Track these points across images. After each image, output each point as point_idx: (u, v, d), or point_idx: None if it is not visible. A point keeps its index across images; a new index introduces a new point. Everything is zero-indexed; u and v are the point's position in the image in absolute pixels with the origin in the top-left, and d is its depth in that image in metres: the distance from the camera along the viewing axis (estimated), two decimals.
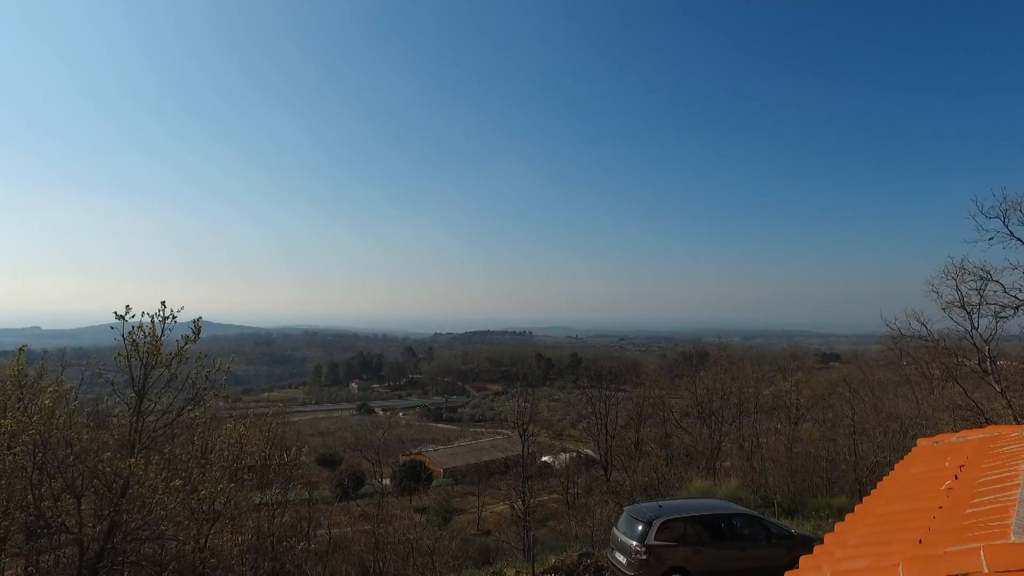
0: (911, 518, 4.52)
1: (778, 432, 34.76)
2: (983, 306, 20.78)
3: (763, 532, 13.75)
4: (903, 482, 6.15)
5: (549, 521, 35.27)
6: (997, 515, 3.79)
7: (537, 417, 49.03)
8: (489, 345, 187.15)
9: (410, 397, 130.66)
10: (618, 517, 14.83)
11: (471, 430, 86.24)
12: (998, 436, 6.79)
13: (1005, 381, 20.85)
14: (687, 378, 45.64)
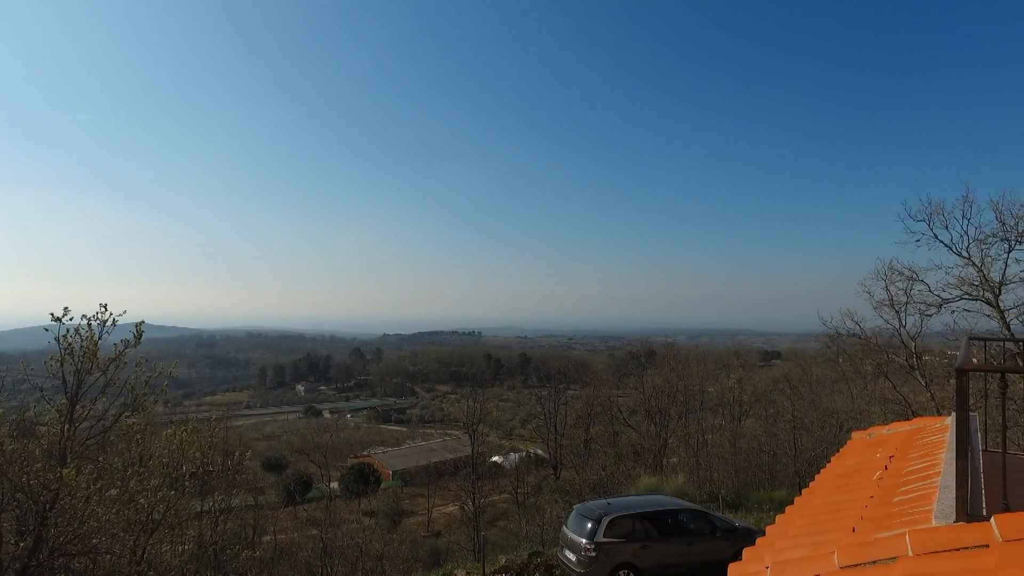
0: (846, 508, 4.72)
1: (722, 428, 35.66)
2: (910, 305, 21.83)
3: (708, 526, 14.12)
4: (839, 474, 6.40)
5: (499, 521, 35.31)
6: (921, 502, 4.01)
7: (487, 417, 49.02)
8: (438, 346, 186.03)
9: (358, 399, 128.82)
10: (568, 515, 14.97)
11: (420, 431, 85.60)
12: (923, 427, 7.14)
13: (929, 375, 21.94)
14: (635, 377, 46.36)
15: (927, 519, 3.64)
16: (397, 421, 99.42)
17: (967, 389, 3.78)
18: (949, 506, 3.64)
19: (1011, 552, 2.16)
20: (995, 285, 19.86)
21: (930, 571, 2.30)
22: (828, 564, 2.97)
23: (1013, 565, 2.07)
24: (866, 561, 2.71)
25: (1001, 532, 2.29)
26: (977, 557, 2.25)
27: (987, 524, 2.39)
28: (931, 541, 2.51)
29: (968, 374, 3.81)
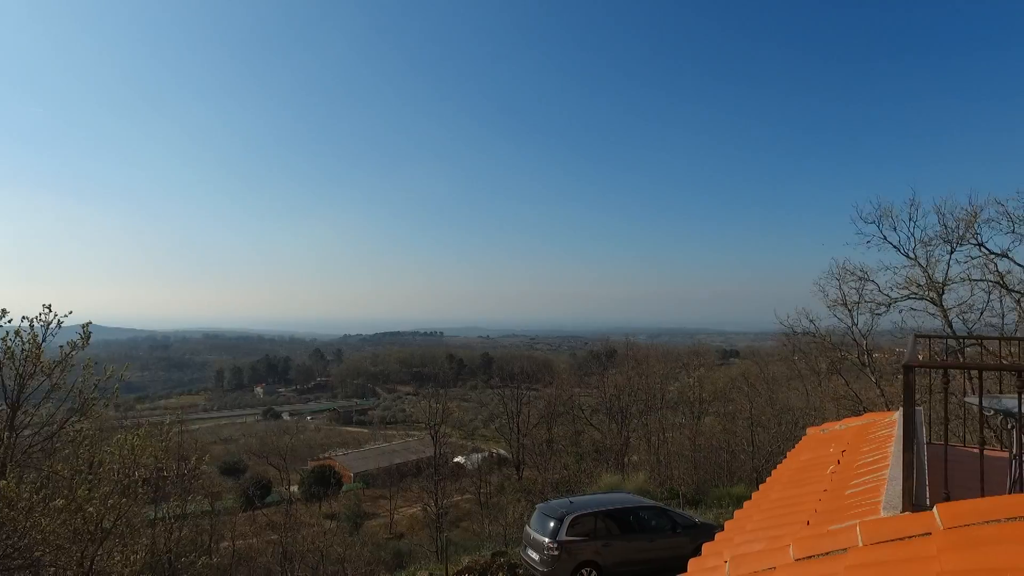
0: (801, 502, 4.84)
1: (682, 426, 36.18)
2: (862, 304, 22.54)
3: (669, 523, 14.33)
4: (794, 469, 6.56)
5: (462, 521, 35.20)
6: (871, 494, 4.14)
7: (449, 418, 48.79)
8: (400, 346, 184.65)
9: (319, 400, 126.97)
10: (530, 515, 15.03)
11: (382, 433, 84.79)
12: (873, 422, 7.38)
13: (879, 372, 22.70)
14: (596, 376, 46.76)
15: (876, 510, 3.76)
16: (358, 423, 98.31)
17: (913, 385, 3.91)
18: (896, 497, 3.77)
19: (950, 539, 2.25)
20: (939, 285, 20.64)
21: (878, 560, 2.38)
22: (784, 557, 3.04)
23: (952, 551, 2.15)
24: (819, 553, 2.79)
25: (942, 520, 2.38)
26: (920, 545, 2.34)
27: (930, 513, 2.48)
28: (879, 531, 2.60)
29: (914, 371, 3.95)
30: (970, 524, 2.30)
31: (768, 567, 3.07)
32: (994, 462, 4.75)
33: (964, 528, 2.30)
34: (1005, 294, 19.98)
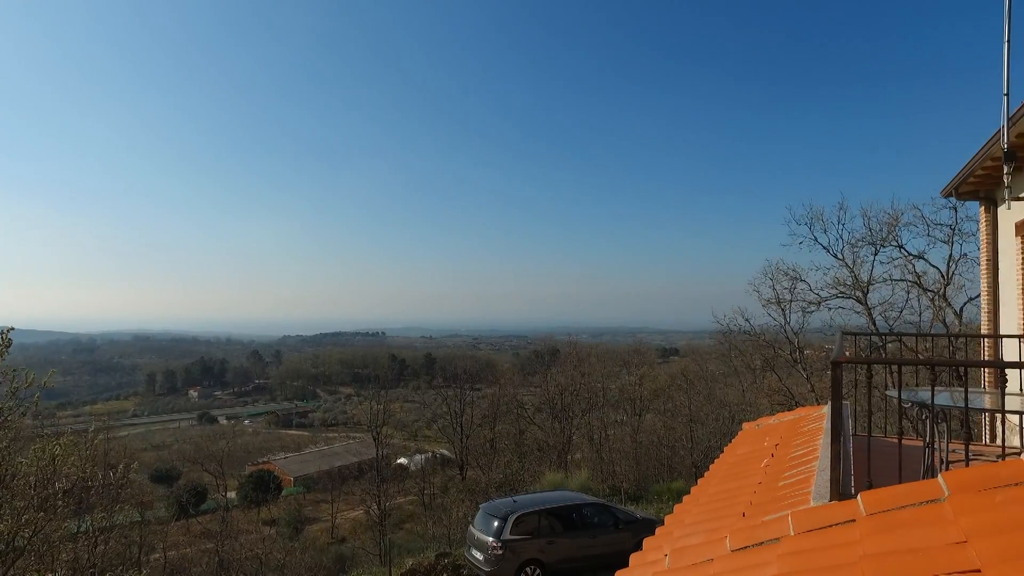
0: (737, 494, 5.00)
1: (624, 423, 36.81)
2: (793, 303, 23.52)
3: (611, 519, 14.58)
4: (731, 463, 6.77)
5: (406, 523, 34.87)
6: (802, 485, 4.32)
7: (391, 419, 48.28)
8: (341, 347, 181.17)
9: (257, 403, 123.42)
10: (474, 515, 15.04)
11: (323, 435, 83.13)
12: (804, 416, 7.69)
13: (810, 368, 23.69)
14: (539, 375, 47.07)
15: (807, 500, 3.93)
16: (299, 425, 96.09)
17: (840, 380, 4.10)
18: (824, 487, 3.95)
19: (872, 524, 2.38)
20: (864, 285, 21.72)
21: (808, 547, 2.49)
22: (721, 548, 3.13)
23: (873, 535, 2.28)
24: (754, 543, 2.89)
25: (865, 507, 2.51)
26: (845, 531, 2.46)
27: (855, 501, 2.61)
28: (809, 520, 2.72)
29: (841, 367, 4.14)
30: (889, 509, 2.44)
31: (706, 559, 3.16)
32: (911, 451, 5.03)
33: (884, 513, 2.43)
34: (921, 293, 21.19)
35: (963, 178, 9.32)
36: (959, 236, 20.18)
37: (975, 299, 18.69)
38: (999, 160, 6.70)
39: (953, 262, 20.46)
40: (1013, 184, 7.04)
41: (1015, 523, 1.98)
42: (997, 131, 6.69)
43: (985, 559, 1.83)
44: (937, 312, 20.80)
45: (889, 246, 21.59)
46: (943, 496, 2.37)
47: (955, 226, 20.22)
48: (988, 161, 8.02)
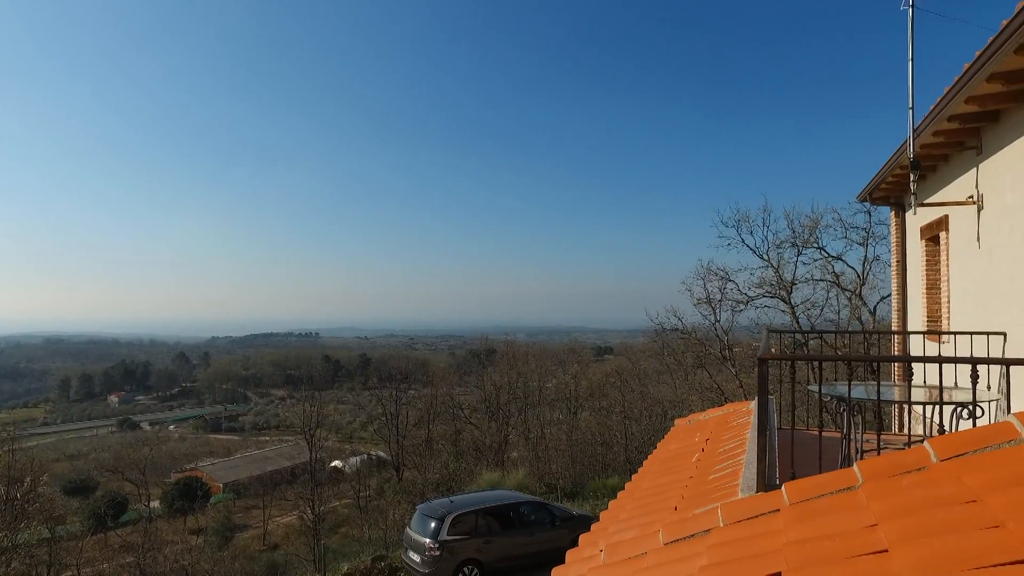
0: (669, 489, 5.14)
1: (560, 422, 37.21)
2: (723, 302, 24.36)
3: (548, 516, 14.74)
4: (663, 458, 6.96)
5: (341, 528, 34.23)
6: (731, 478, 4.50)
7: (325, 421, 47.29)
8: (273, 348, 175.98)
9: (184, 408, 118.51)
10: (411, 516, 14.94)
11: (254, 439, 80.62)
12: (733, 411, 7.98)
13: (739, 365, 24.58)
14: (476, 375, 47.10)
15: (735, 492, 4.09)
16: (228, 430, 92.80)
17: (767, 376, 4.29)
18: (752, 479, 4.13)
19: (795, 512, 2.52)
20: (788, 285, 22.72)
21: (736, 537, 2.60)
22: (654, 542, 3.23)
23: (796, 523, 2.41)
24: (686, 535, 2.99)
25: (789, 497, 2.65)
26: (770, 520, 2.59)
27: (779, 492, 2.75)
28: (737, 511, 2.84)
29: (767, 363, 4.33)
30: (810, 498, 2.58)
31: (640, 552, 3.25)
32: (831, 442, 5.30)
33: (805, 502, 2.57)
34: (840, 293, 22.35)
35: (876, 184, 9.88)
36: (873, 239, 21.40)
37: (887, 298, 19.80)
38: (907, 168, 7.14)
39: (868, 263, 21.67)
40: (919, 191, 7.52)
41: (918, 505, 2.14)
42: (905, 141, 7.13)
43: (892, 540, 1.96)
44: (854, 310, 21.98)
45: (811, 248, 22.69)
46: (857, 484, 2.52)
47: (869, 229, 21.42)
48: (897, 169, 8.53)
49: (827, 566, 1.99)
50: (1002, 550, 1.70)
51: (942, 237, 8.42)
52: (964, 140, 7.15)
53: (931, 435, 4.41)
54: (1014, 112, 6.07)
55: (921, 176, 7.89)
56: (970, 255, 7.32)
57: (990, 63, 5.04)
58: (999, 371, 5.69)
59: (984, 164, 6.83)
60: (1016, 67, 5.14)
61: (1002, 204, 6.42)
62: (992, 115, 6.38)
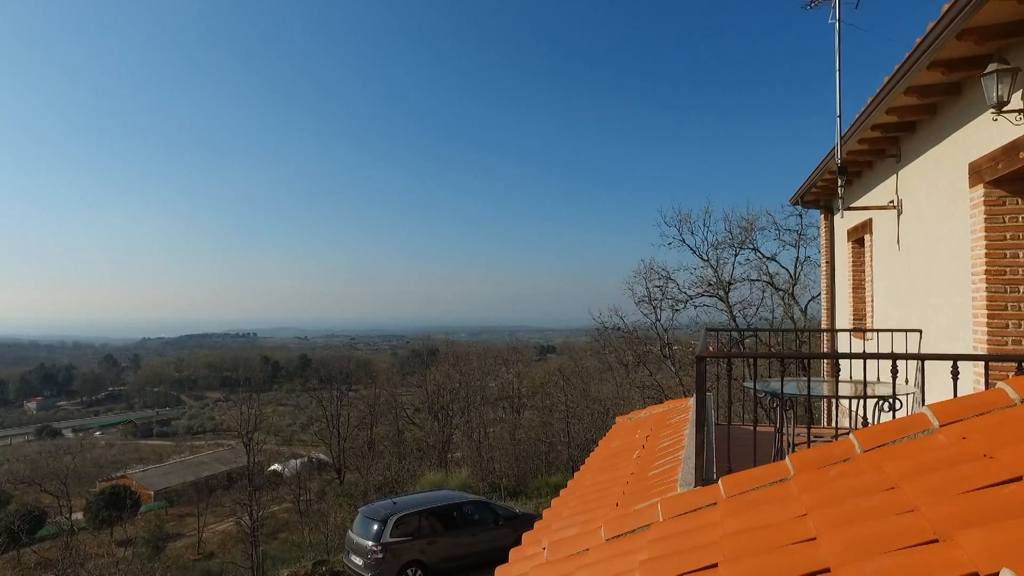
0: (611, 486, 5.24)
1: (503, 421, 37.31)
2: (664, 301, 24.93)
3: (492, 516, 14.77)
4: (605, 456, 7.08)
5: (281, 532, 33.40)
6: (670, 473, 4.62)
7: (264, 423, 46.07)
8: (208, 349, 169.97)
9: (111, 413, 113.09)
10: (353, 519, 14.73)
11: (189, 444, 77.72)
12: (672, 409, 8.19)
13: (678, 363, 25.20)
14: (418, 375, 46.77)
15: (675, 487, 4.21)
16: (160, 435, 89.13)
17: (704, 374, 4.42)
18: (690, 474, 4.25)
19: (731, 505, 2.61)
20: (726, 284, 23.44)
21: (675, 531, 2.68)
22: (596, 538, 3.29)
23: (732, 515, 2.50)
24: (627, 531, 3.06)
25: (725, 490, 2.75)
26: (708, 514, 2.68)
27: (716, 486, 2.84)
28: (676, 506, 2.92)
29: (705, 361, 4.47)
30: (745, 491, 2.68)
31: (583, 549, 3.30)
32: (765, 436, 5.50)
33: (741, 495, 2.67)
34: (774, 292, 23.20)
35: (807, 188, 10.30)
36: (804, 240, 22.30)
37: (817, 297, 20.69)
38: (835, 174, 7.47)
39: (800, 264, 22.58)
40: (846, 195, 7.88)
41: (843, 494, 2.26)
42: (833, 148, 7.47)
43: (820, 528, 2.06)
44: (787, 309, 22.85)
45: (747, 248, 23.48)
46: (789, 476, 2.63)
47: (801, 231, 22.32)
48: (826, 174, 8.92)
49: (761, 556, 2.07)
50: (914, 533, 1.81)
51: (866, 239, 8.86)
52: (886, 148, 7.54)
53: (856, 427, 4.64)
54: (928, 123, 6.45)
55: (848, 181, 8.28)
56: (891, 257, 7.73)
57: (906, 77, 5.34)
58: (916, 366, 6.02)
59: (903, 171, 7.23)
60: (929, 82, 5.46)
61: (918, 209, 6.81)
62: (909, 125, 6.75)
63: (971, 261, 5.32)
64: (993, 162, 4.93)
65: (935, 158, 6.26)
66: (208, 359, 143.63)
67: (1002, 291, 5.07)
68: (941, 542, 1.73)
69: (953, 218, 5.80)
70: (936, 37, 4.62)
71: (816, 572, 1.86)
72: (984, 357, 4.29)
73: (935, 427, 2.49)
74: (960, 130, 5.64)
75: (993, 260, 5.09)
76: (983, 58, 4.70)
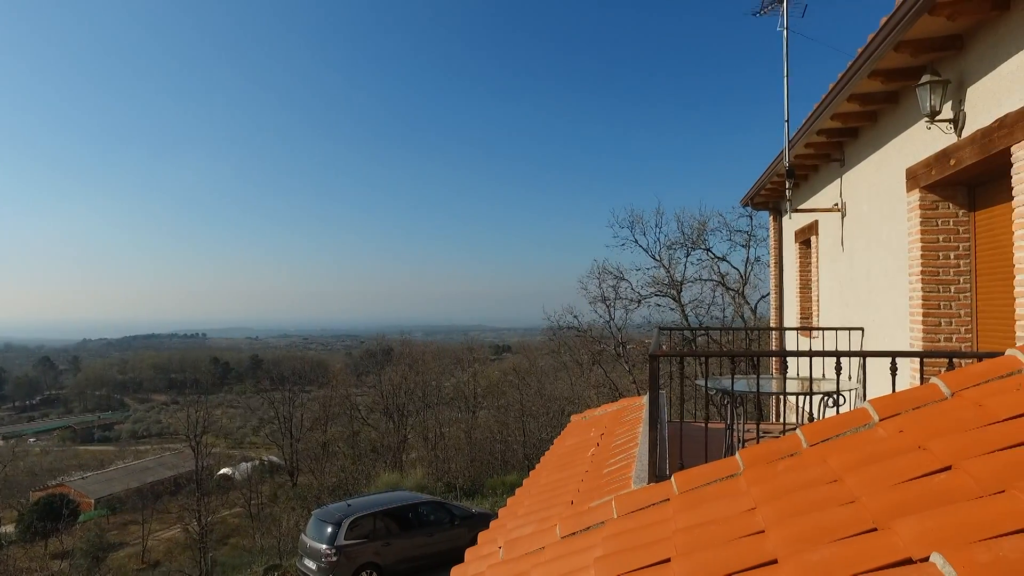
0: (566, 484, 5.29)
1: (459, 421, 37.20)
2: (617, 300, 25.28)
3: (447, 516, 14.74)
4: (560, 454, 7.14)
5: (231, 538, 32.58)
6: (624, 470, 4.70)
7: (214, 426, 44.93)
8: (155, 350, 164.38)
9: (47, 418, 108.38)
10: (306, 522, 14.50)
11: (133, 449, 75.05)
12: (626, 407, 8.31)
13: (632, 361, 25.59)
14: (373, 375, 46.25)
15: (628, 484, 4.28)
16: (102, 440, 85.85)
17: (657, 372, 4.51)
18: (644, 471, 4.33)
19: (683, 501, 2.68)
20: (678, 284, 23.88)
21: (629, 528, 2.73)
22: (551, 536, 3.31)
23: (684, 511, 2.56)
24: (582, 528, 3.10)
25: (678, 486, 2.81)
26: (661, 510, 2.74)
27: (669, 482, 2.91)
28: (630, 503, 2.97)
29: (658, 359, 4.56)
30: (697, 487, 2.75)
31: (538, 547, 3.32)
32: (716, 433, 5.64)
33: (693, 491, 2.74)
34: (725, 292, 23.75)
35: (756, 190, 10.59)
36: (754, 241, 22.93)
37: (766, 296, 21.28)
38: (783, 177, 7.71)
39: (750, 264, 23.20)
40: (793, 198, 8.13)
41: (790, 487, 2.34)
42: (782, 151, 7.70)
43: (768, 521, 2.14)
44: (738, 308, 23.43)
45: (699, 249, 23.98)
46: (739, 471, 2.71)
47: (751, 232, 22.93)
48: (775, 177, 9.19)
49: (711, 550, 2.13)
50: (855, 522, 1.90)
51: (813, 241, 9.16)
52: (831, 152, 7.81)
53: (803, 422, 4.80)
54: (869, 130, 6.71)
55: (795, 184, 8.55)
56: (835, 257, 8.01)
57: (849, 85, 5.56)
58: (858, 363, 6.27)
59: (847, 175, 7.50)
60: (870, 90, 5.69)
61: (860, 212, 7.08)
62: (852, 131, 7.02)
63: (908, 262, 5.57)
64: (927, 168, 5.17)
65: (876, 163, 6.52)
66: (154, 360, 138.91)
67: (936, 291, 5.32)
68: (879, 530, 1.82)
69: (892, 221, 6.06)
70: (876, 48, 4.83)
71: (764, 564, 1.92)
72: (919, 354, 4.51)
73: (875, 421, 2.60)
74: (898, 137, 5.90)
75: (928, 261, 5.34)
76: (918, 69, 4.92)
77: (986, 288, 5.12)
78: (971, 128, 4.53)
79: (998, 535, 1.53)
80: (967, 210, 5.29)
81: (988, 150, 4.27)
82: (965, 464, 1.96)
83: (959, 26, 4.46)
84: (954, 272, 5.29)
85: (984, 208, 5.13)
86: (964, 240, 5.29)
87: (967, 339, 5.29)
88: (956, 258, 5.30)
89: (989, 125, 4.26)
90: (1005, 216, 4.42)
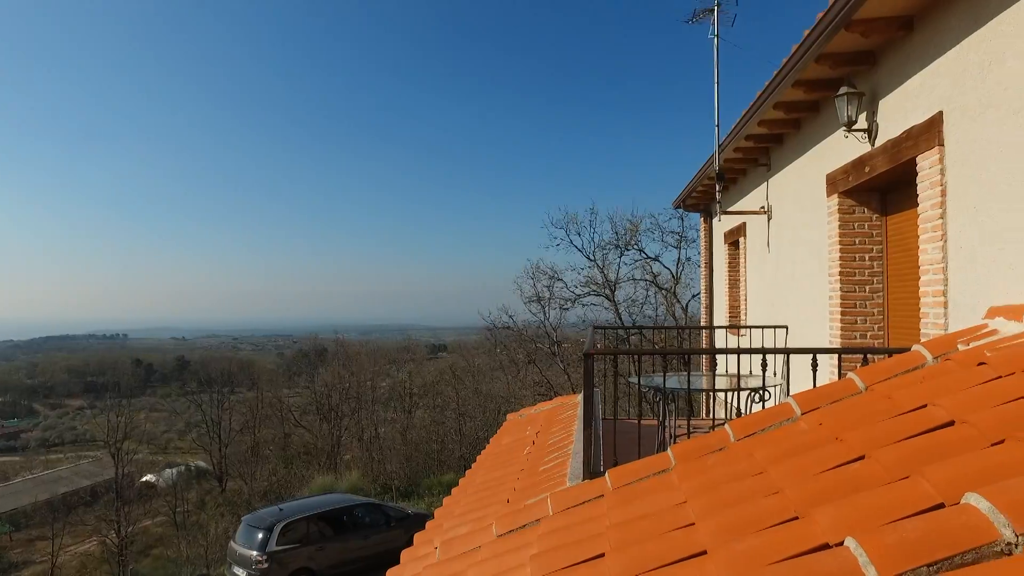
0: (502, 482, 5.31)
1: (394, 421, 36.81)
2: (552, 300, 25.55)
3: (383, 517, 14.58)
4: (496, 452, 7.16)
5: (154, 548, 31.16)
6: (560, 468, 4.76)
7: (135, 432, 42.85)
8: (69, 352, 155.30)
9: None
10: (236, 528, 14.08)
11: (42, 458, 70.61)
12: (561, 405, 8.42)
13: (567, 360, 25.92)
14: (306, 375, 45.25)
15: (564, 482, 4.34)
16: (7, 450, 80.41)
17: (592, 370, 4.59)
18: (579, 468, 4.40)
19: (617, 496, 2.74)
20: (612, 284, 24.34)
21: (564, 525, 2.77)
22: (488, 535, 3.32)
23: (618, 506, 2.63)
24: (517, 527, 3.12)
25: (612, 482, 2.87)
26: (595, 506, 2.79)
27: (603, 479, 2.97)
28: (565, 500, 3.02)
29: (593, 358, 4.64)
30: (630, 483, 2.82)
31: (474, 547, 3.33)
32: (649, 429, 5.78)
33: (626, 486, 2.80)
34: (657, 291, 24.35)
35: (688, 193, 10.90)
36: (686, 242, 23.59)
37: (697, 296, 21.93)
38: (714, 180, 7.98)
39: (681, 264, 23.86)
40: (723, 200, 8.43)
41: (719, 481, 2.44)
42: (712, 155, 7.96)
43: (698, 513, 2.21)
44: (670, 307, 24.07)
45: (632, 249, 24.50)
46: (671, 466, 2.79)
47: (683, 233, 23.58)
48: (706, 180, 9.49)
49: (644, 544, 2.19)
50: (779, 512, 2.00)
51: (741, 242, 9.51)
52: (758, 157, 8.13)
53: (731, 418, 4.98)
54: (792, 136, 7.03)
55: (725, 187, 8.86)
56: (762, 258, 8.34)
57: (775, 93, 5.80)
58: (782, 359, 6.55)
59: (772, 179, 7.82)
60: (793, 99, 5.97)
61: (785, 215, 7.40)
62: (778, 138, 7.33)
63: (828, 263, 5.86)
64: (845, 174, 5.46)
65: (799, 168, 6.83)
66: (68, 363, 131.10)
67: (853, 290, 5.62)
68: (800, 519, 1.92)
69: (813, 224, 6.36)
70: (799, 59, 5.06)
71: (694, 555, 1.99)
72: (838, 350, 4.76)
73: (798, 415, 2.73)
74: (819, 144, 6.20)
75: (845, 262, 5.64)
76: (838, 81, 5.19)
77: (896, 288, 5.45)
78: (883, 138, 4.81)
79: (902, 517, 1.65)
80: (880, 215, 5.62)
81: (897, 159, 4.54)
82: (876, 453, 2.09)
83: (872, 43, 4.74)
84: (868, 273, 5.61)
85: (895, 213, 5.46)
86: (877, 243, 5.62)
87: (880, 336, 5.61)
88: (870, 260, 5.62)
89: (898, 136, 4.54)
90: (912, 221, 4.72)
